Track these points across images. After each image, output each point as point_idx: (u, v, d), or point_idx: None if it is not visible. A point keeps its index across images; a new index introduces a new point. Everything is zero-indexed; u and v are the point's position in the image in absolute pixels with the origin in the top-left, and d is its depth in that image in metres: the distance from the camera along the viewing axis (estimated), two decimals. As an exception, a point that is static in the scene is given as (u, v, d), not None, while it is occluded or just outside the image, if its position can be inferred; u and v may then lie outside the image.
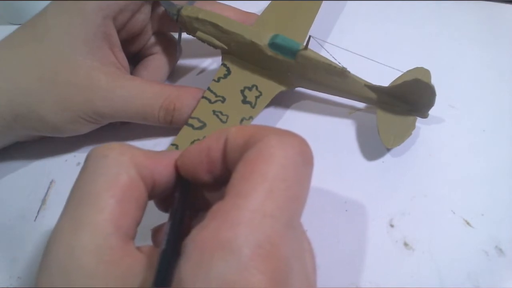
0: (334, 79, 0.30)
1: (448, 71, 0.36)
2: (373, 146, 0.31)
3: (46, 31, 0.29)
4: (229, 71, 0.31)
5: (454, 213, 0.28)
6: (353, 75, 0.30)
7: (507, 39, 0.38)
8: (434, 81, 0.35)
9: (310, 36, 0.29)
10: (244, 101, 0.30)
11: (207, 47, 0.33)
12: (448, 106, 0.33)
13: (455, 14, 0.41)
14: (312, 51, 0.30)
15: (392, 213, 0.28)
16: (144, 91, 0.30)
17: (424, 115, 0.30)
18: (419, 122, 0.32)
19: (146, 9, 0.33)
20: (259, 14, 0.35)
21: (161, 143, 0.33)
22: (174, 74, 0.38)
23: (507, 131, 0.32)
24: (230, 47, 0.32)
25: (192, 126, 0.29)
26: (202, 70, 0.38)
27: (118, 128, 0.34)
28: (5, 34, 0.30)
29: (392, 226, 0.28)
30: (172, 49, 0.36)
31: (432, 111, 0.33)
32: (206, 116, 0.30)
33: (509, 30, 0.39)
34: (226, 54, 0.32)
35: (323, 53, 0.30)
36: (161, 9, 0.35)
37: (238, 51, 0.31)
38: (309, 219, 0.28)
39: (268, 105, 0.31)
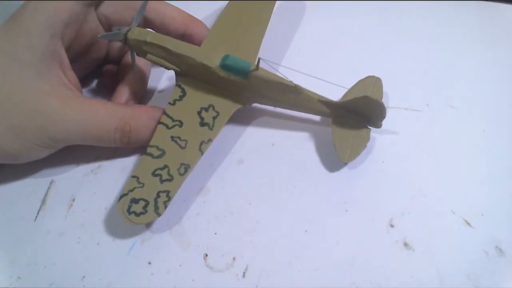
0: (288, 95, 0.30)
1: (448, 71, 0.36)
2: (373, 146, 0.31)
3: None
4: (184, 92, 0.31)
5: (454, 213, 0.28)
6: (307, 91, 0.30)
7: (507, 39, 0.38)
8: (434, 81, 0.35)
9: (259, 58, 0.29)
10: (202, 123, 0.30)
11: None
12: (448, 106, 0.33)
13: (455, 14, 0.41)
14: (264, 70, 0.30)
15: (392, 213, 0.28)
16: (97, 113, 0.29)
17: (377, 126, 0.30)
18: (421, 120, 0.32)
19: (93, 17, 0.32)
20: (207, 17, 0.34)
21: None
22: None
23: (507, 131, 0.32)
24: (182, 69, 0.31)
25: (151, 155, 0.28)
26: (161, 91, 0.37)
27: None
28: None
29: (392, 226, 0.28)
30: None
31: (432, 111, 0.33)
32: (165, 143, 0.29)
33: (509, 30, 0.39)
34: (180, 75, 0.31)
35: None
36: (108, 10, 0.33)
37: (191, 72, 0.31)
38: (309, 219, 0.28)
39: (227, 123, 0.31)
